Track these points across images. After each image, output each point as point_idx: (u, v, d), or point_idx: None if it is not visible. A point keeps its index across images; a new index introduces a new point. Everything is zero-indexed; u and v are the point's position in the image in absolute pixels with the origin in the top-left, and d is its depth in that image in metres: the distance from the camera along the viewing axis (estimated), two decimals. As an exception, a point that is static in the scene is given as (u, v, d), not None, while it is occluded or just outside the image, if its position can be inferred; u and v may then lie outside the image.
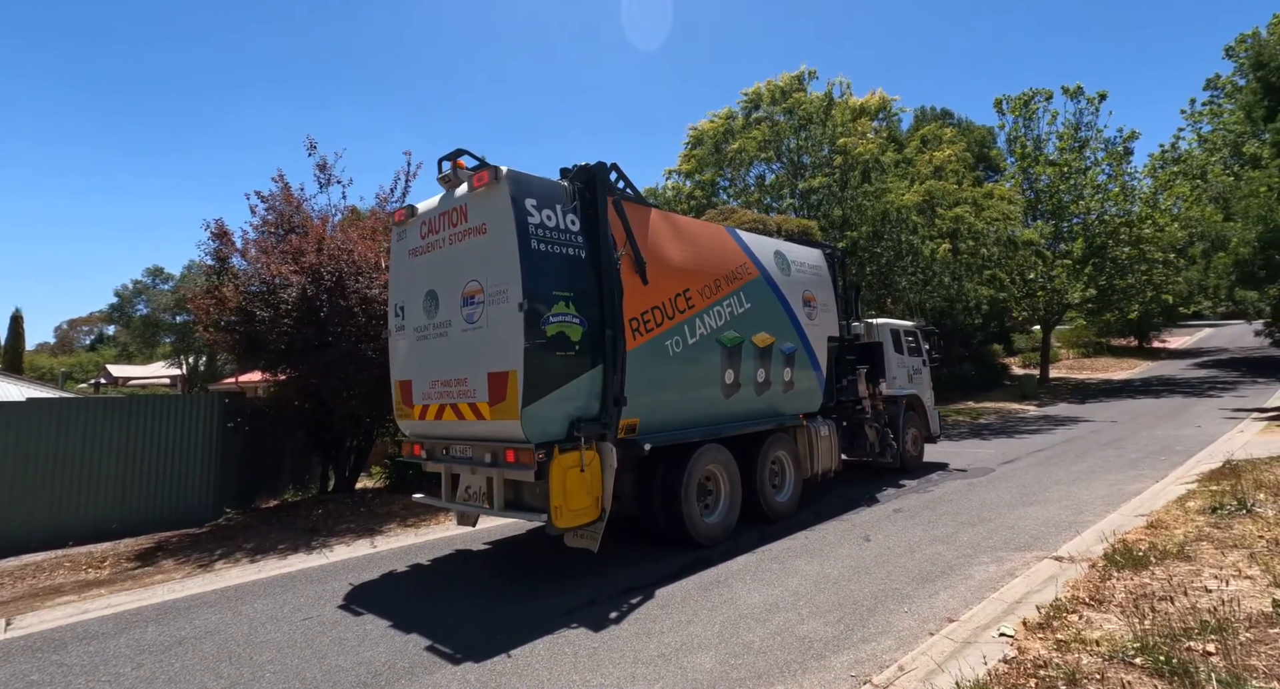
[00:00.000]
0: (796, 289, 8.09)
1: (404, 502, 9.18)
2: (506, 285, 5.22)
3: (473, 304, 5.51)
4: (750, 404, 7.22)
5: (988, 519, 6.87)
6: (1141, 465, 9.62)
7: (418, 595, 5.20)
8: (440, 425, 5.91)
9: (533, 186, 5.53)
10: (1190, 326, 48.74)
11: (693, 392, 6.55)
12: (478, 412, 5.44)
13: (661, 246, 6.38)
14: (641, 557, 6.01)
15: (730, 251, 7.30)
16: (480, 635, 4.29)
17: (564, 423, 5.33)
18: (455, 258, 5.73)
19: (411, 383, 6.17)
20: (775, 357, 7.52)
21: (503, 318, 5.23)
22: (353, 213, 10.97)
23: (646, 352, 5.98)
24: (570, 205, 5.69)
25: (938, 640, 3.88)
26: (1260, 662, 2.79)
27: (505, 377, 5.18)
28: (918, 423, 10.65)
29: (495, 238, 5.36)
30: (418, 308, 6.09)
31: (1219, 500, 6.19)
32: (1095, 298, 26.37)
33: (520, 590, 5.22)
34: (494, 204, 5.39)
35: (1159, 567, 4.58)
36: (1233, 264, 14.61)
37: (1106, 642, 3.38)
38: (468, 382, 5.52)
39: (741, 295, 7.16)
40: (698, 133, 21.82)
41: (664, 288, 6.25)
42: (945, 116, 37.88)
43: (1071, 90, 25.97)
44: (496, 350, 5.27)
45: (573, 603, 4.84)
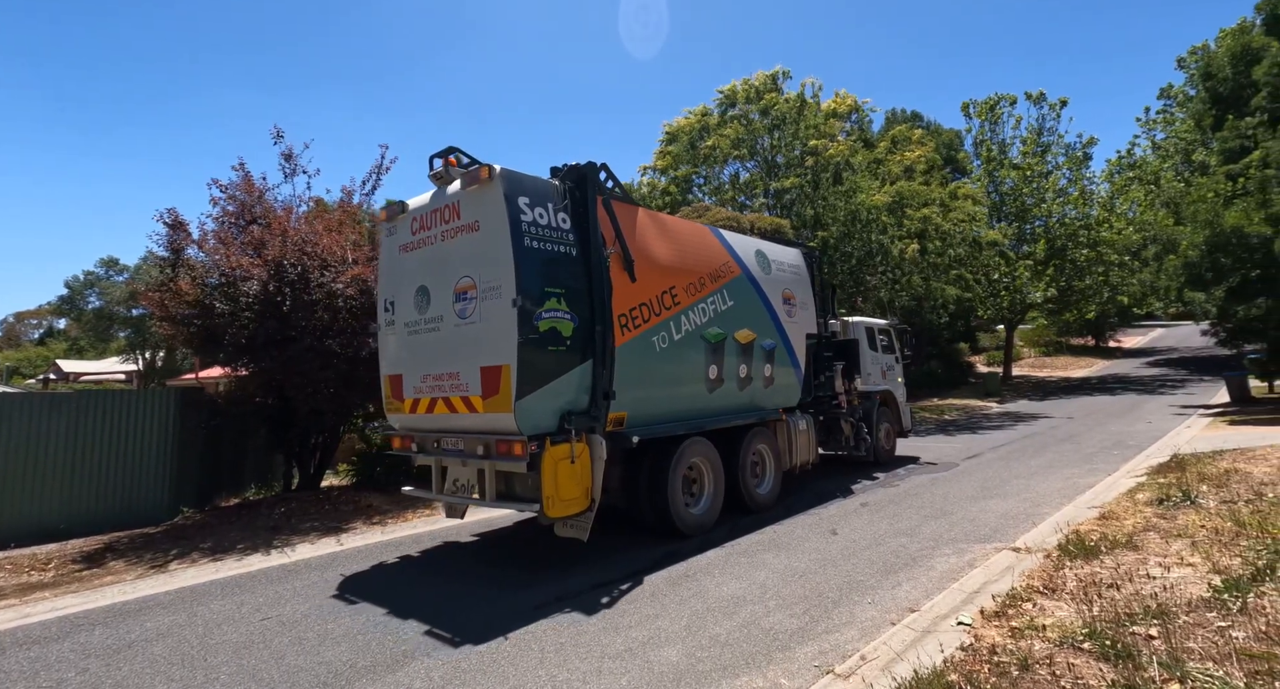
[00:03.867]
0: (777, 287, 8.29)
1: (370, 499, 9.01)
2: (500, 282, 5.32)
3: (465, 300, 5.59)
4: (732, 399, 7.39)
5: (950, 512, 7.04)
6: (1096, 460, 9.98)
7: (384, 594, 5.10)
8: (431, 419, 5.98)
9: (525, 185, 5.61)
10: (1143, 327, 50.71)
11: (678, 386, 6.69)
12: (470, 405, 5.52)
13: (648, 245, 6.52)
14: (610, 551, 6.01)
15: (714, 250, 7.46)
16: (448, 634, 4.23)
17: (555, 416, 5.44)
18: (447, 254, 5.79)
19: (402, 377, 6.20)
20: (756, 353, 7.70)
21: (496, 313, 5.34)
22: (318, 205, 10.69)
23: (634, 347, 6.11)
24: (561, 204, 5.80)
25: (899, 630, 3.96)
26: (1197, 644, 2.92)
27: (498, 371, 5.30)
28: (891, 418, 11.01)
29: (489, 235, 5.43)
30: (408, 303, 6.12)
31: (1165, 492, 6.46)
32: (1055, 298, 27.26)
33: (488, 587, 5.16)
34: (487, 202, 5.46)
35: (1109, 556, 4.76)
36: (1182, 267, 15.26)
37: (1057, 628, 3.50)
38: (460, 376, 5.61)
39: (725, 293, 7.34)
40: (673, 129, 21.84)
41: (651, 285, 6.39)
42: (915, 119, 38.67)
43: (1035, 96, 26.76)
44: (490, 345, 5.36)
45: (541, 598, 4.81)
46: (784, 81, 20.86)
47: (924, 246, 19.02)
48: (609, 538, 6.48)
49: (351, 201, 10.31)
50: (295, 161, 9.63)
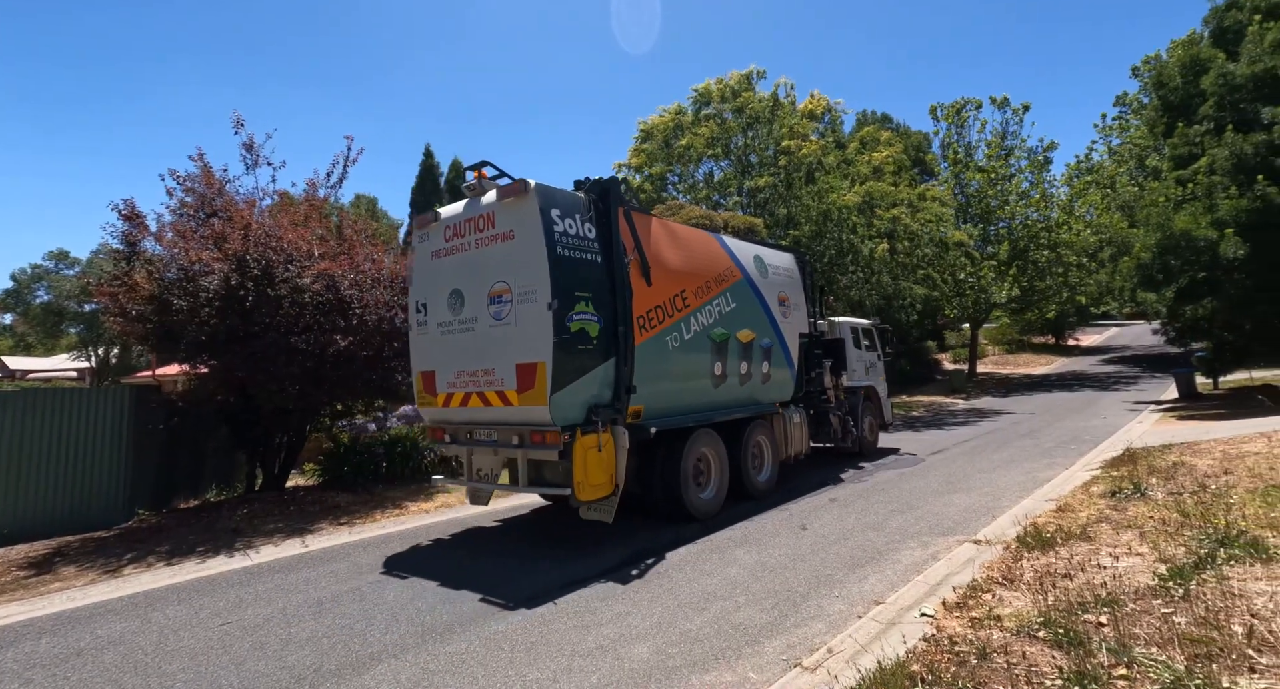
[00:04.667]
0: (773, 290, 8.87)
1: (338, 499, 8.83)
2: (535, 286, 5.82)
3: (500, 302, 6.08)
4: (734, 393, 7.93)
5: (916, 506, 7.20)
6: (1054, 454, 10.31)
7: (350, 596, 5.01)
8: (465, 412, 6.46)
9: (556, 198, 6.12)
10: (1100, 325, 52.61)
11: (687, 382, 7.23)
12: (505, 398, 6.04)
13: (662, 251, 7.04)
14: (581, 551, 6.00)
15: (718, 255, 7.99)
16: (414, 637, 4.17)
17: (583, 409, 5.96)
18: (481, 260, 6.26)
19: (435, 373, 6.69)
20: (755, 351, 8.24)
21: (532, 315, 5.84)
22: (284, 198, 10.40)
23: (650, 346, 6.63)
24: (587, 215, 6.30)
25: (865, 622, 4.04)
26: (1142, 630, 3.05)
27: (534, 367, 5.80)
28: (874, 412, 11.64)
29: (524, 243, 5.93)
30: (441, 305, 6.62)
31: (1118, 485, 6.71)
32: (1018, 298, 28.09)
33: (460, 587, 5.10)
34: (522, 213, 5.96)
35: (1064, 547, 4.93)
36: (1135, 268, 15.86)
37: (1014, 618, 3.61)
38: (495, 372, 6.11)
39: (728, 295, 7.89)
40: (648, 127, 21.83)
41: (664, 289, 6.92)
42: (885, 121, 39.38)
43: (999, 101, 27.48)
44: (526, 344, 5.86)
45: (508, 599, 4.78)
46: (757, 81, 21.03)
47: (893, 246, 19.41)
48: (578, 534, 6.47)
49: (316, 195, 10.05)
50: (258, 152, 9.35)
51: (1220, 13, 17.16)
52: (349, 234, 9.97)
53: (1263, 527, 4.36)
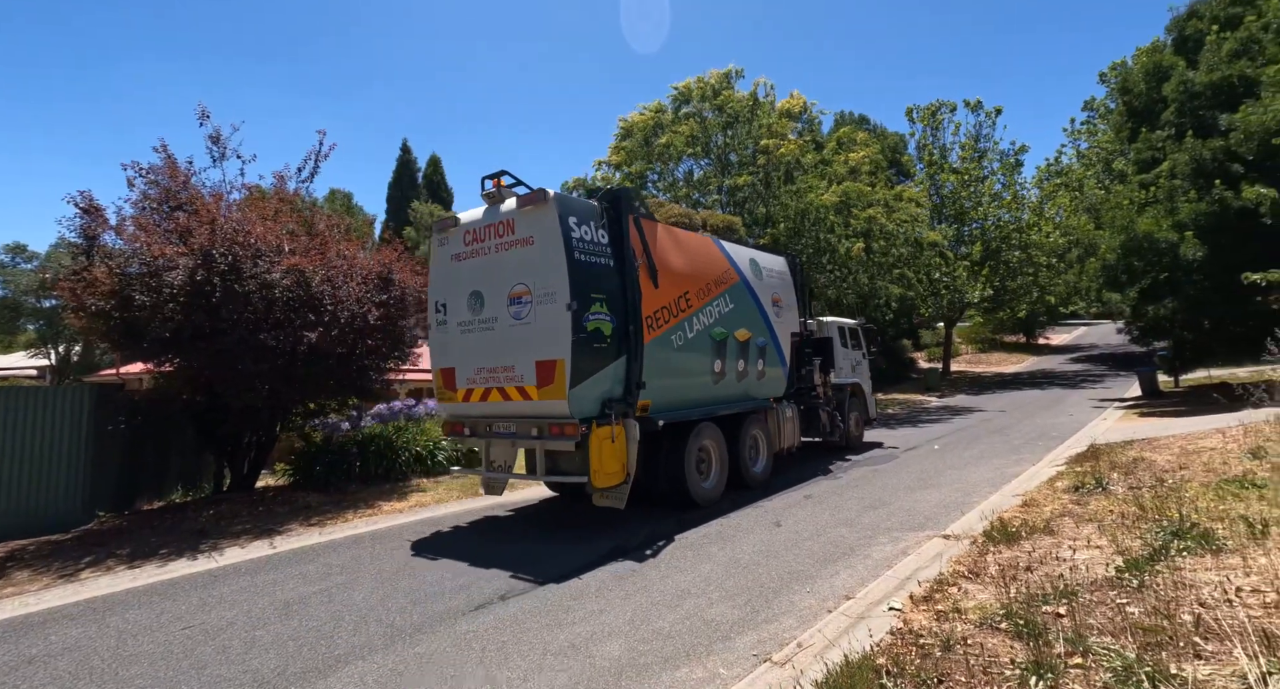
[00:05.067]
0: (767, 291, 9.33)
1: (309, 499, 8.68)
2: (555, 289, 6.22)
3: (520, 303, 6.49)
4: (732, 389, 8.39)
5: (888, 502, 7.31)
6: (1023, 450, 10.55)
7: (318, 598, 4.92)
8: (485, 406, 6.85)
9: (573, 206, 6.59)
10: (1069, 325, 54.00)
11: (690, 378, 7.67)
12: (525, 393, 6.43)
13: (667, 256, 7.48)
14: (554, 549, 5.98)
15: (717, 259, 8.45)
16: (383, 638, 4.12)
17: (598, 403, 6.37)
18: (501, 263, 6.66)
19: (455, 370, 7.07)
20: (752, 349, 8.71)
21: (551, 316, 6.23)
22: (254, 192, 10.17)
23: (657, 344, 7.03)
24: (601, 222, 6.76)
25: (835, 617, 4.10)
26: (1097, 620, 3.14)
27: (553, 364, 6.20)
28: (860, 407, 12.18)
29: (543, 249, 6.34)
30: (461, 305, 6.99)
31: (1081, 480, 6.89)
32: (991, 297, 28.69)
33: (432, 587, 5.05)
34: (542, 221, 6.36)
35: (1028, 541, 5.04)
36: (1101, 269, 16.33)
37: (978, 610, 3.69)
38: (515, 368, 6.51)
39: (726, 297, 8.33)
40: (628, 125, 21.80)
41: (670, 291, 7.33)
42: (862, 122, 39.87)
43: (972, 104, 28.01)
44: (545, 342, 6.24)
45: (480, 598, 4.74)
46: (736, 80, 21.13)
47: (869, 246, 19.68)
48: (549, 536, 6.45)
49: (286, 188, 9.84)
50: (225, 145, 9.12)
51: (1181, 22, 17.71)
52: (321, 229, 9.79)
53: (1214, 519, 4.51)
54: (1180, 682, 2.46)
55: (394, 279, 9.60)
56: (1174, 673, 2.52)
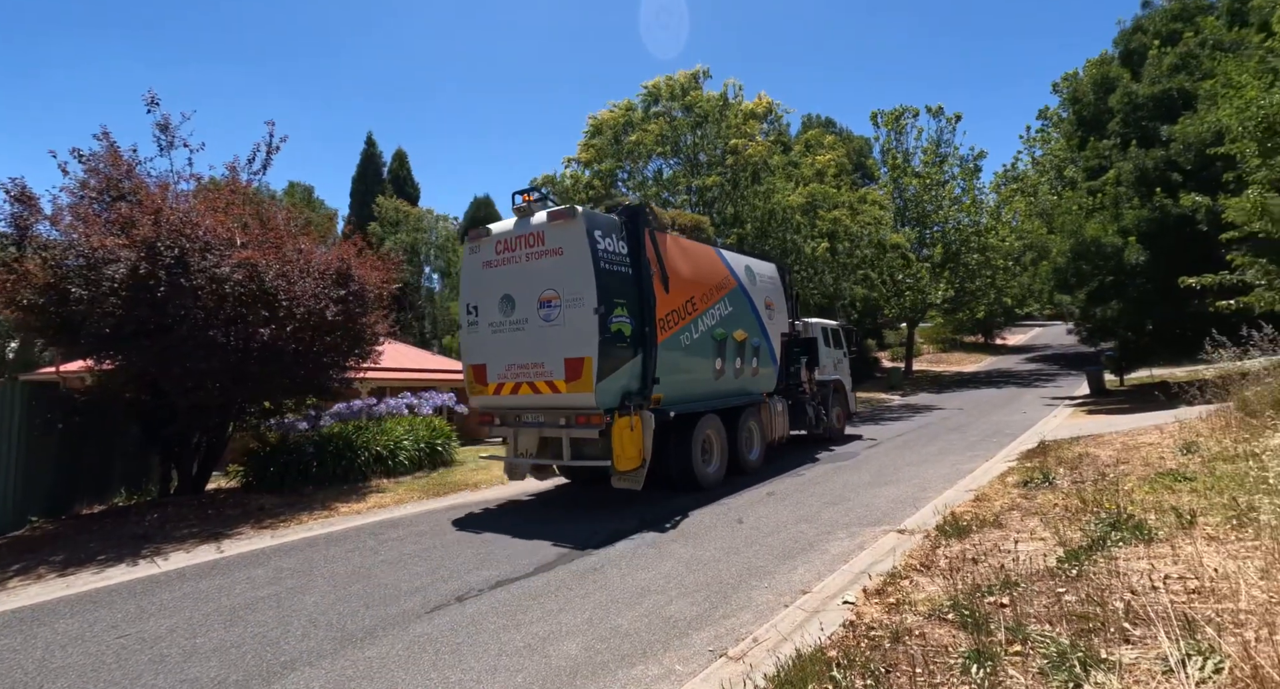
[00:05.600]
0: (760, 296, 10.15)
1: (261, 501, 8.40)
2: (583, 294, 6.97)
3: (550, 307, 7.20)
4: (731, 385, 9.18)
5: (847, 498, 7.45)
6: (978, 447, 10.89)
7: (265, 603, 4.76)
8: (515, 399, 7.55)
9: (598, 220, 7.40)
10: (1025, 326, 55.98)
11: (695, 374, 8.43)
12: (554, 387, 7.14)
13: (676, 264, 8.18)
14: (515, 551, 5.92)
15: (718, 267, 9.26)
16: (332, 643, 4.00)
17: (619, 395, 7.11)
18: (531, 271, 7.37)
19: (486, 366, 7.74)
20: (748, 349, 9.51)
21: (579, 318, 6.97)
22: (210, 184, 9.79)
23: (669, 344, 7.79)
24: (620, 234, 7.52)
25: (791, 611, 4.15)
26: (1035, 609, 3.25)
27: (581, 361, 6.93)
28: (841, 402, 13.17)
29: (572, 259, 7.08)
30: (492, 308, 7.66)
31: (1030, 475, 7.14)
32: (951, 298, 29.56)
33: (386, 588, 4.94)
34: (571, 234, 7.10)
35: (978, 534, 5.19)
36: (1052, 272, 16.99)
37: (927, 602, 3.78)
38: (545, 365, 7.23)
39: (726, 301, 9.14)
40: (598, 122, 21.72)
41: (679, 296, 8.07)
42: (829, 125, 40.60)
43: (934, 110, 28.81)
44: (574, 341, 6.98)
45: (437, 600, 4.66)
46: (704, 80, 21.25)
47: (834, 247, 20.05)
48: (515, 534, 6.38)
49: (238, 180, 9.49)
50: (173, 133, 8.74)
51: (1127, 36, 18.54)
52: (277, 222, 9.47)
53: (1148, 511, 4.72)
54: (1110, 666, 2.56)
55: (353, 275, 9.36)
56: (1104, 658, 2.62)
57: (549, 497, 8.64)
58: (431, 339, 41.25)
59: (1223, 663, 2.21)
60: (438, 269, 43.97)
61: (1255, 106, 8.56)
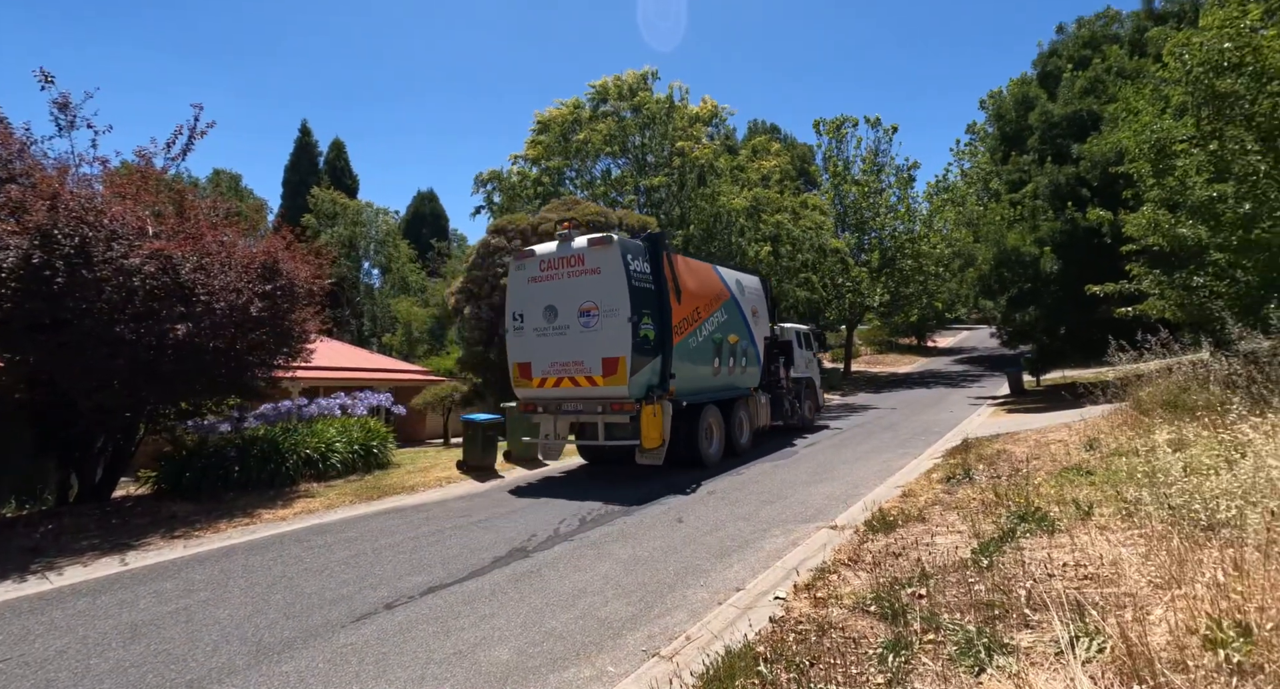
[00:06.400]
0: (748, 305, 11.82)
1: (175, 509, 7.86)
2: (618, 306, 8.57)
3: (589, 316, 8.78)
4: (726, 380, 10.81)
5: (784, 496, 7.65)
6: (909, 445, 11.39)
7: (172, 618, 4.45)
8: (557, 391, 9.12)
9: (629, 246, 8.97)
10: (954, 329, 59.13)
11: (700, 371, 10.01)
12: (592, 381, 8.78)
13: (685, 279, 9.76)
14: (452, 553, 5.77)
15: (715, 281, 10.98)
16: (246, 658, 3.78)
17: (645, 388, 8.75)
18: (572, 286, 8.95)
19: (530, 364, 9.28)
20: (739, 350, 11.20)
21: (615, 325, 8.58)
22: (124, 168, 9.06)
23: (680, 346, 9.34)
24: (645, 257, 9.14)
25: (724, 609, 4.21)
26: (949, 598, 3.44)
27: (617, 360, 8.57)
28: (812, 396, 14.97)
29: (608, 277, 8.67)
30: (537, 315, 9.21)
31: (952, 471, 7.53)
32: (888, 302, 30.88)
33: (304, 603, 4.71)
34: (608, 257, 8.71)
35: (903, 528, 5.43)
36: (978, 278, 18.05)
37: (852, 596, 3.92)
38: (584, 363, 8.80)
39: (722, 310, 10.80)
40: (545, 119, 21.50)
41: (687, 306, 9.66)
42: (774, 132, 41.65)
43: (872, 121, 30.02)
44: (610, 344, 8.60)
45: (364, 608, 4.48)
46: (653, 82, 21.38)
47: (776, 250, 20.57)
48: (439, 541, 6.22)
49: (153, 165, 8.84)
50: (74, 112, 8.04)
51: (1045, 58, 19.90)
52: (196, 211, 8.88)
53: (1052, 503, 5.07)
54: (1011, 650, 2.73)
55: (281, 268, 8.89)
56: (1006, 642, 2.80)
57: (493, 496, 8.48)
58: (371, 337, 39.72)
59: (1105, 643, 2.39)
60: (378, 264, 42.36)
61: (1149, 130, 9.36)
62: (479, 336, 17.55)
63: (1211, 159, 8.14)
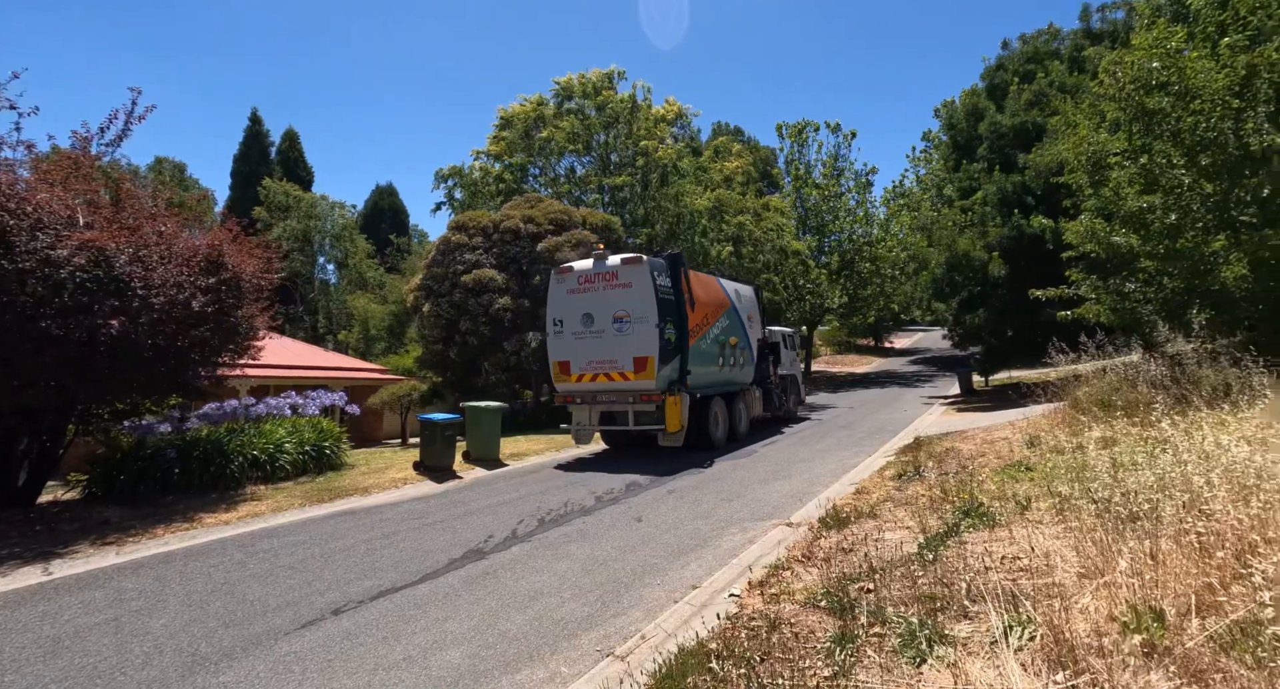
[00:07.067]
0: (745, 311, 13.63)
1: (108, 514, 7.45)
2: (647, 315, 10.27)
3: (622, 322, 10.43)
4: (728, 376, 12.59)
5: (743, 494, 7.74)
6: (864, 443, 11.68)
7: (100, 630, 4.20)
8: (593, 385, 10.76)
9: (655, 265, 10.69)
10: (910, 330, 60.93)
11: (708, 368, 11.70)
12: (624, 376, 10.43)
13: (697, 291, 11.47)
14: (404, 555, 5.64)
15: (719, 291, 12.75)
16: (180, 669, 3.61)
17: (668, 382, 10.41)
18: (607, 297, 10.63)
19: (570, 362, 10.93)
20: (738, 350, 12.93)
21: (644, 330, 10.28)
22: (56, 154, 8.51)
23: (694, 347, 11.07)
24: (667, 273, 10.86)
25: (680, 607, 4.24)
26: (895, 592, 3.54)
27: (646, 359, 10.24)
28: (796, 391, 16.74)
29: (639, 290, 10.37)
30: (575, 321, 10.84)
31: (904, 469, 7.77)
32: (846, 303, 31.63)
33: (246, 611, 4.53)
34: (639, 273, 10.45)
35: (855, 525, 5.57)
36: (930, 282, 18.66)
37: (804, 592, 4.00)
38: (618, 361, 10.47)
39: (725, 316, 12.58)
40: (508, 115, 21.21)
41: (699, 314, 11.35)
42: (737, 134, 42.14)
43: (833, 126, 30.68)
44: (640, 346, 10.28)
45: (309, 615, 4.34)
46: (618, 81, 21.35)
47: (738, 251, 20.83)
48: (388, 544, 6.08)
49: (87, 150, 8.35)
50: (-3, 91, 7.51)
51: (993, 71, 20.71)
52: (134, 201, 8.42)
53: (995, 499, 5.29)
54: (950, 640, 2.83)
55: (226, 262, 8.51)
56: (946, 633, 2.90)
57: (451, 497, 8.32)
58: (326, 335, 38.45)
59: (1035, 631, 2.51)
60: (333, 259, 41.02)
61: (1087, 143, 9.85)
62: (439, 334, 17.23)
63: (1142, 172, 8.62)
